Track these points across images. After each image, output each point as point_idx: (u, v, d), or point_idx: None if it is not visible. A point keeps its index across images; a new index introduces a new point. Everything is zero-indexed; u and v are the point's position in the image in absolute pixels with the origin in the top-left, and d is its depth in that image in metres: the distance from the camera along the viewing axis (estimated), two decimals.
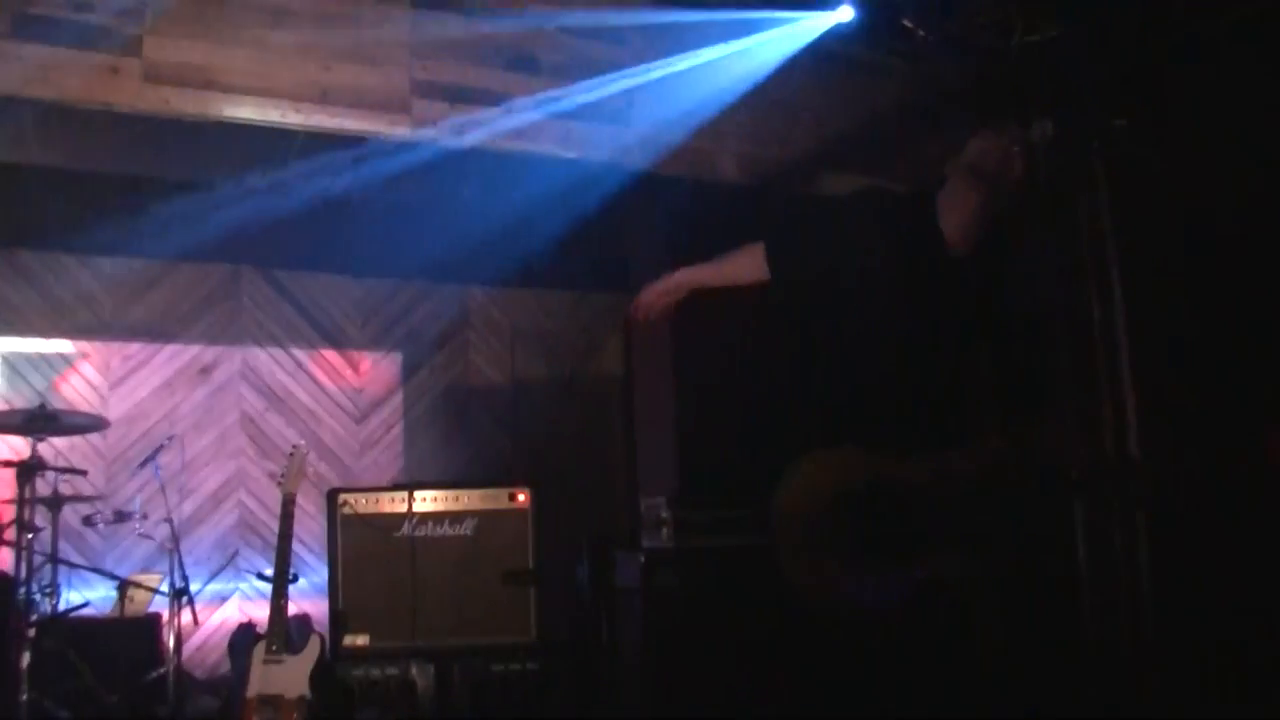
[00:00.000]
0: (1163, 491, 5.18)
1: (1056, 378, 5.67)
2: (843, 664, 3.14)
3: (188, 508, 6.65)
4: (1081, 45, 5.40)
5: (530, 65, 5.03)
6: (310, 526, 6.67)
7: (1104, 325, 5.66)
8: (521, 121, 4.94)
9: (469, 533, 5.58)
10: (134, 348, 6.86)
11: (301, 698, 4.57)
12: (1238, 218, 5.05)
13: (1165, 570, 5.19)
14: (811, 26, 5.25)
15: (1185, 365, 5.31)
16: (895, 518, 3.09)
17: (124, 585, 5.72)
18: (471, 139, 4.84)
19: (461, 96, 4.86)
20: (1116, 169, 5.60)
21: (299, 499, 5.12)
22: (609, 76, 5.06)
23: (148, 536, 6.15)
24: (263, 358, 7.14)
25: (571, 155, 5.05)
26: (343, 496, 5.61)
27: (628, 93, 5.13)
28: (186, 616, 5.41)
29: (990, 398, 5.26)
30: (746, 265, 3.42)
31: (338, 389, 7.32)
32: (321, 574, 6.24)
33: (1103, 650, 5.22)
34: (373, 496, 5.65)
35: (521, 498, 5.67)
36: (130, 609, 5.77)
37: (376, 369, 7.44)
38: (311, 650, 4.72)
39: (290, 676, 4.61)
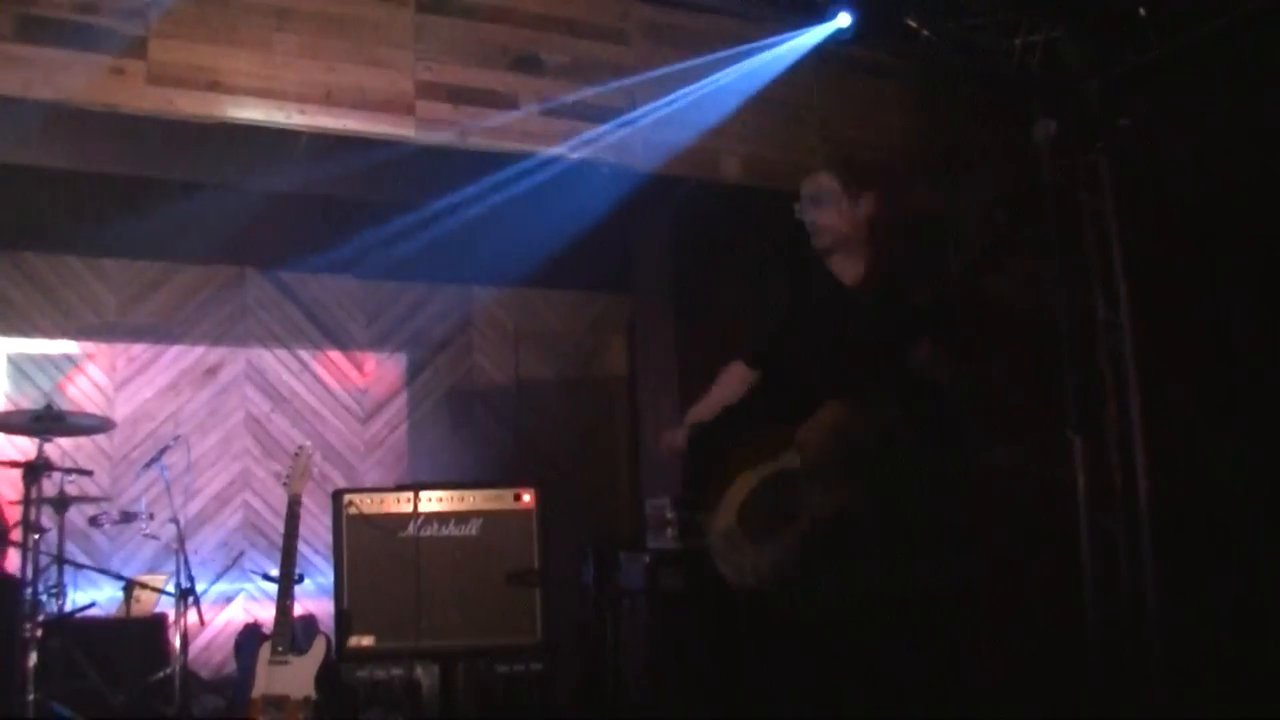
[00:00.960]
0: (1168, 498, 5.19)
1: (1061, 382, 5.68)
2: (845, 666, 3.15)
3: (193, 508, 6.64)
4: (1084, 45, 5.40)
5: (534, 65, 5.04)
6: (315, 527, 6.67)
7: (1108, 327, 5.66)
8: (525, 122, 4.95)
9: (474, 533, 5.58)
10: (139, 349, 6.86)
11: (307, 698, 4.58)
12: (1242, 216, 5.04)
13: (1170, 575, 5.19)
14: (811, 36, 5.27)
15: (1191, 366, 5.31)
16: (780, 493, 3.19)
17: (130, 586, 5.71)
18: (475, 140, 4.85)
19: (465, 97, 4.87)
20: (1121, 169, 5.60)
21: (304, 500, 5.12)
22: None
23: (153, 537, 6.15)
24: (268, 358, 7.15)
25: (576, 156, 5.06)
26: (348, 497, 5.61)
27: (631, 94, 5.14)
28: (192, 617, 5.41)
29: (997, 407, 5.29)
30: (735, 379, 3.67)
31: (342, 390, 7.32)
32: (327, 575, 6.25)
33: (1107, 653, 5.23)
34: (378, 497, 5.65)
35: (526, 498, 5.67)
36: (136, 609, 5.77)
37: (381, 369, 7.44)
38: (317, 651, 4.73)
39: (296, 677, 4.62)
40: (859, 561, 3.09)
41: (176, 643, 5.25)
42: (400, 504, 5.60)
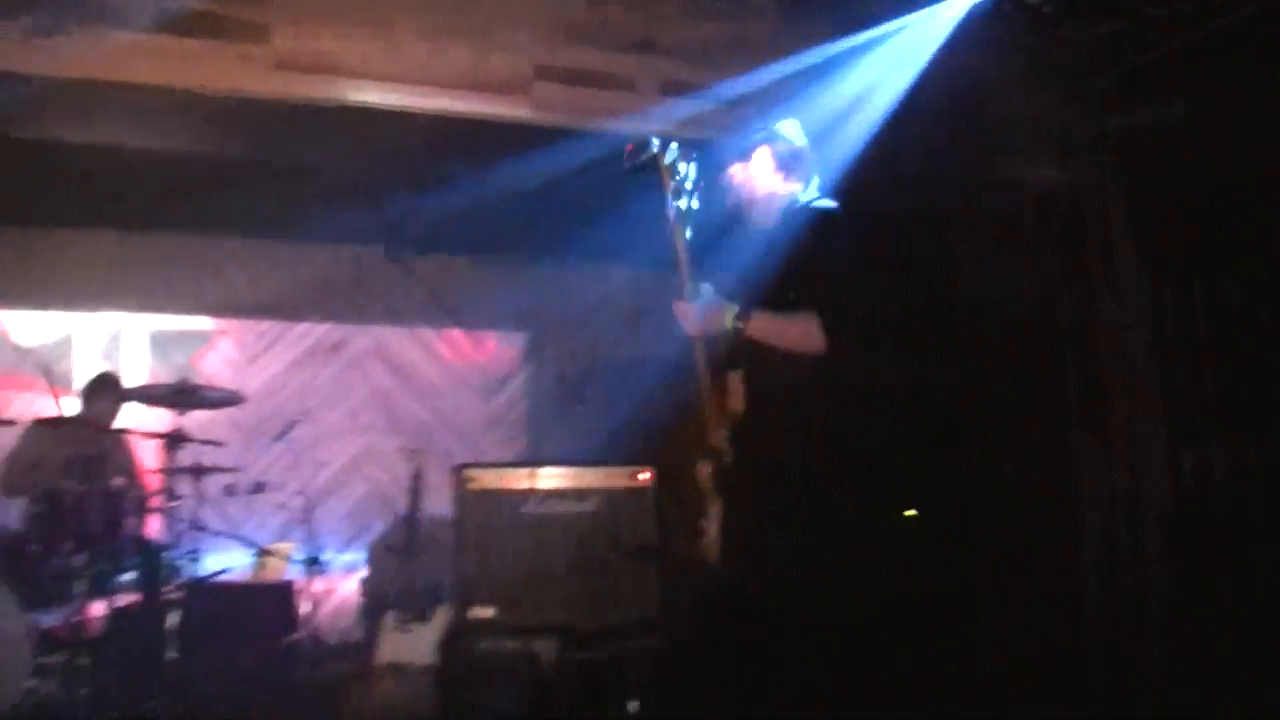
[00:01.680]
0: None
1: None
2: (845, 666, 3.14)
3: (320, 480, 6.84)
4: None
5: (649, 47, 5.04)
6: (437, 501, 6.80)
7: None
8: (642, 104, 4.95)
9: (592, 509, 5.63)
10: (268, 325, 7.07)
11: (429, 666, 4.68)
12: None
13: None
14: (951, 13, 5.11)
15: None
16: None
17: (261, 553, 5.92)
18: (590, 123, 4.87)
19: (582, 79, 4.90)
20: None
21: (427, 474, 5.22)
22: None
23: (282, 507, 6.36)
24: (391, 335, 7.30)
25: (692, 136, 5.05)
26: (469, 472, 5.70)
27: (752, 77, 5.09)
28: (319, 584, 5.59)
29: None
30: None
31: (464, 366, 7.44)
32: (449, 547, 6.38)
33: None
34: (498, 473, 5.72)
35: (644, 476, 5.69)
36: (266, 576, 5.98)
37: (501, 348, 7.54)
38: (439, 621, 4.83)
39: (418, 645, 4.73)
40: (859, 561, 3.10)
41: (304, 608, 5.43)
42: (519, 480, 5.66)
